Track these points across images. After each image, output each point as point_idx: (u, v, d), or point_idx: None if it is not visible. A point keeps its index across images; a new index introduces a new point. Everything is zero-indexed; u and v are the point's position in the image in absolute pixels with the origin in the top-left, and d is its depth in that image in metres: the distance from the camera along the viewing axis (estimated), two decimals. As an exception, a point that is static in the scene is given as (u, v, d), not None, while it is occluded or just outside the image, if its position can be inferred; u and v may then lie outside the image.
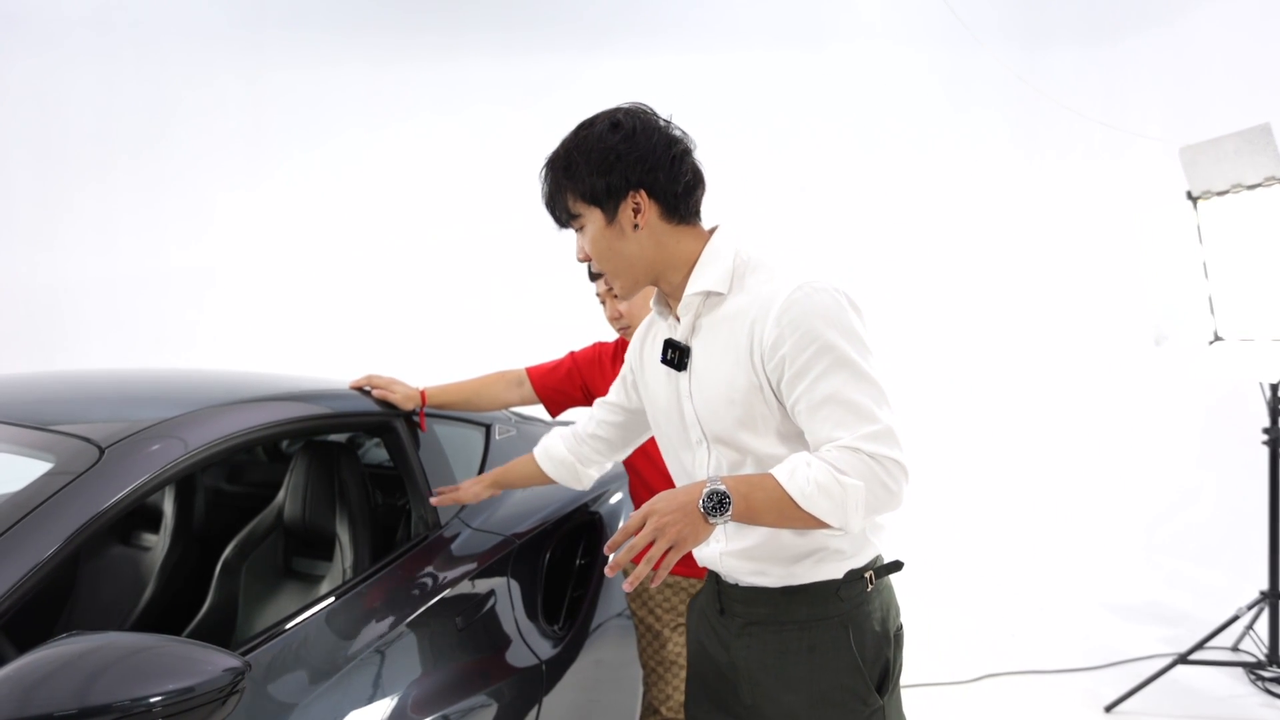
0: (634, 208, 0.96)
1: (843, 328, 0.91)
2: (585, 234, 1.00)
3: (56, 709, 0.68)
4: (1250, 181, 2.29)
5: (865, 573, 0.99)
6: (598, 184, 0.96)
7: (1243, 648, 2.60)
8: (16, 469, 0.97)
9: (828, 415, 0.89)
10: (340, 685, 1.08)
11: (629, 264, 0.99)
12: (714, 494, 0.88)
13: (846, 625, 0.98)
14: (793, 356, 0.90)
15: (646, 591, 1.55)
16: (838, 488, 0.86)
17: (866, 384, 0.90)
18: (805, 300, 0.91)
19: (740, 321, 0.94)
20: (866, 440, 0.87)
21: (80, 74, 4.12)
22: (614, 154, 0.95)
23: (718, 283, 0.97)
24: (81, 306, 4.11)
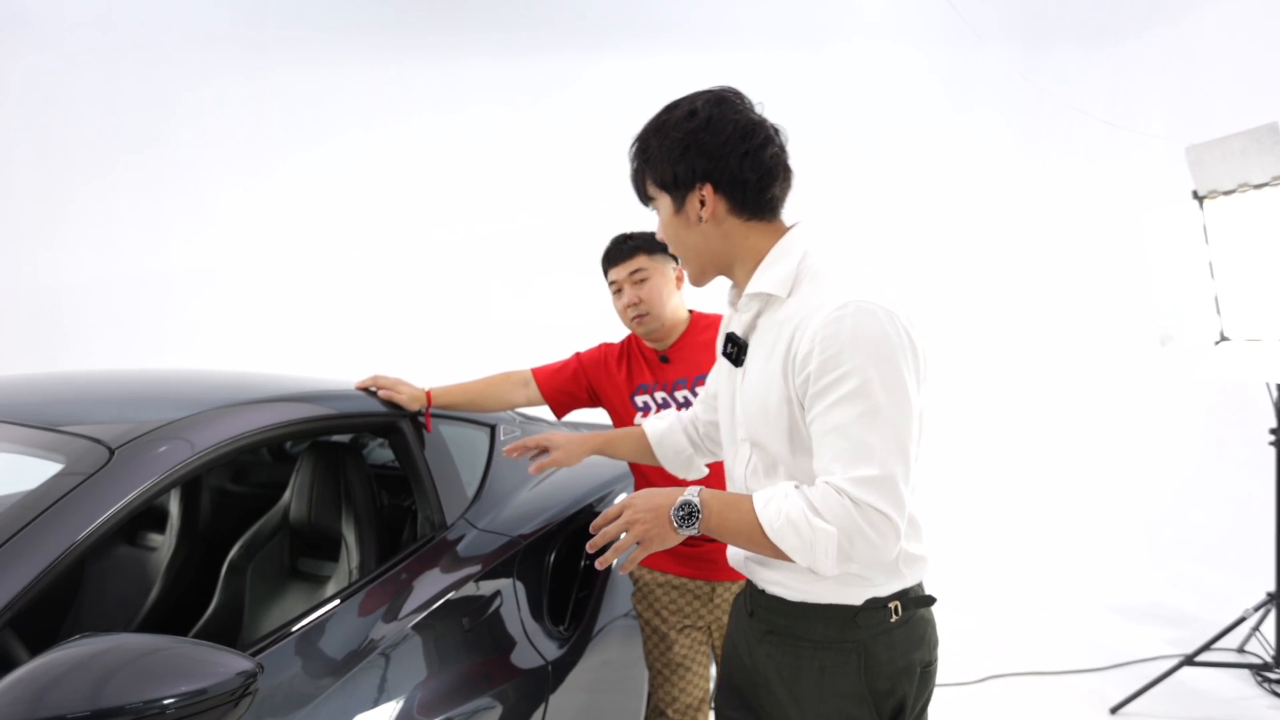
0: (700, 200, 0.95)
1: (879, 357, 0.85)
2: (658, 217, 1.00)
3: (69, 711, 0.68)
4: (1257, 181, 2.29)
5: (890, 603, 0.94)
6: (667, 172, 0.95)
7: (1249, 649, 2.59)
8: (27, 469, 0.97)
9: (830, 445, 0.86)
10: (347, 687, 1.08)
11: (695, 254, 0.98)
12: (685, 504, 0.89)
13: (860, 653, 0.94)
14: (817, 375, 0.86)
15: (653, 593, 1.55)
16: (807, 528, 0.83)
17: (882, 424, 0.84)
18: (848, 319, 0.85)
19: (786, 329, 0.91)
20: (856, 484, 0.83)
21: (82, 73, 4.13)
22: (685, 144, 0.93)
23: (777, 285, 0.94)
24: (83, 306, 4.12)
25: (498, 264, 4.36)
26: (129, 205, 4.18)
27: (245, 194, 4.27)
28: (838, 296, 0.88)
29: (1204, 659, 2.43)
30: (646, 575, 1.57)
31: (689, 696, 1.53)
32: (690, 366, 1.53)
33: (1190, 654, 2.44)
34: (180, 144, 4.21)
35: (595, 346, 1.64)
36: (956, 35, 3.81)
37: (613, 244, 1.55)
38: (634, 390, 1.54)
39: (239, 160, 4.27)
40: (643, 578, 1.57)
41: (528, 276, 4.33)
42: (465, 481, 1.59)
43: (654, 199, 0.99)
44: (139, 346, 4.00)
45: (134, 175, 4.18)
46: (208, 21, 4.24)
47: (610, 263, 1.54)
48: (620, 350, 1.61)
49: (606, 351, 1.62)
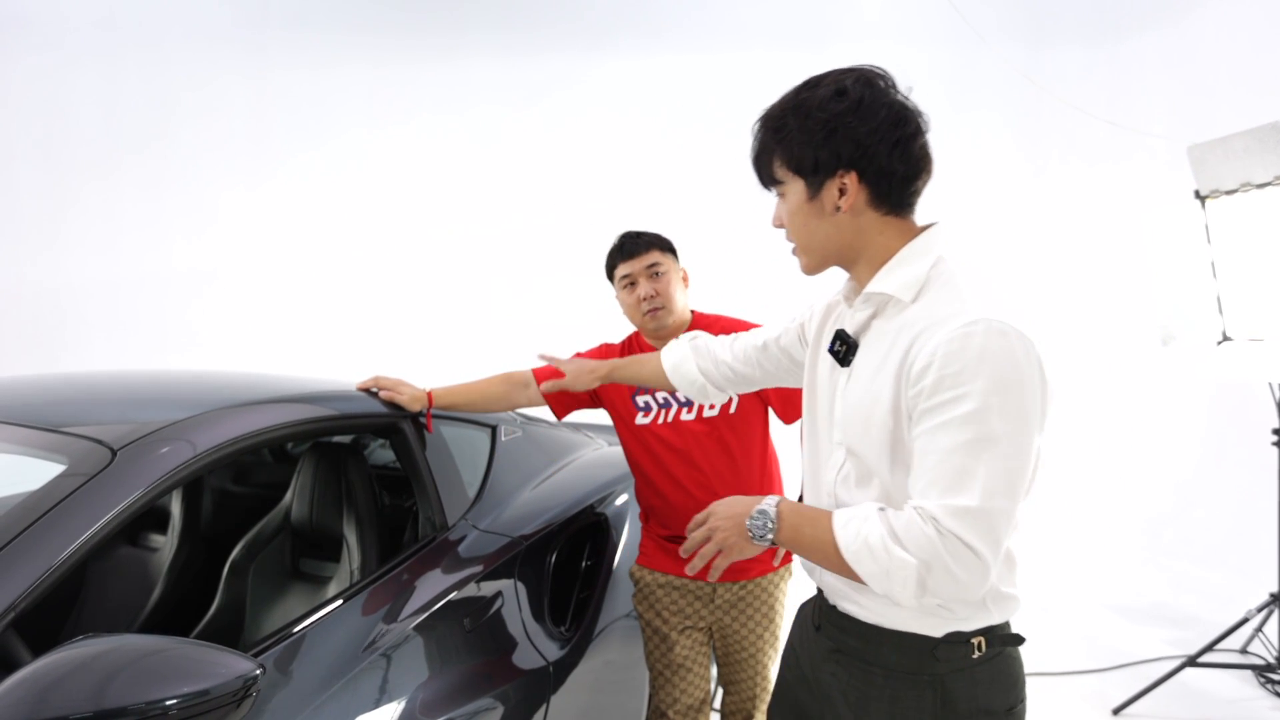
0: (840, 189, 0.86)
1: (1003, 383, 0.78)
2: (785, 203, 0.91)
3: (72, 711, 0.69)
4: (1259, 180, 2.28)
5: (974, 638, 0.87)
6: (806, 156, 0.86)
7: (1252, 650, 2.58)
8: (30, 470, 0.97)
9: (929, 468, 0.79)
10: (349, 687, 1.08)
11: (820, 245, 0.90)
12: (761, 514, 0.86)
13: (938, 688, 0.87)
14: (931, 391, 0.79)
15: (654, 594, 1.55)
16: (884, 555, 0.78)
17: (992, 456, 0.77)
18: (977, 338, 0.78)
19: (905, 335, 0.85)
20: (949, 514, 0.77)
21: (83, 74, 4.14)
22: (830, 127, 0.85)
23: (902, 289, 0.86)
24: (84, 305, 4.13)
25: (498, 264, 4.36)
26: (130, 205, 4.19)
27: (246, 194, 4.28)
28: (970, 311, 0.81)
29: (1206, 660, 2.42)
30: (647, 576, 1.57)
31: (690, 697, 1.53)
32: None
33: (1193, 655, 2.44)
34: (181, 144, 4.22)
35: (595, 347, 1.64)
36: (958, 35, 3.81)
37: (626, 239, 1.54)
38: (636, 390, 1.54)
39: (240, 160, 4.28)
40: (643, 578, 1.57)
41: (528, 276, 4.33)
42: (466, 482, 1.60)
43: (782, 183, 0.90)
44: (140, 346, 4.01)
45: (135, 175, 4.20)
46: (209, 22, 4.26)
47: (624, 256, 1.52)
48: (621, 350, 1.61)
49: (607, 351, 1.62)
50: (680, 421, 1.50)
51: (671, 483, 1.50)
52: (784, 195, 0.92)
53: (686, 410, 1.50)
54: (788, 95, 0.91)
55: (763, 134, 0.91)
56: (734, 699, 1.60)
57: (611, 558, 1.70)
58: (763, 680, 1.57)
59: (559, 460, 1.89)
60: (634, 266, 1.50)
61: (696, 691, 1.54)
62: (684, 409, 1.50)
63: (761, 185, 0.95)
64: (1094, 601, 3.22)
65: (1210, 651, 2.44)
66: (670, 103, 4.43)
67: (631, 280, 1.51)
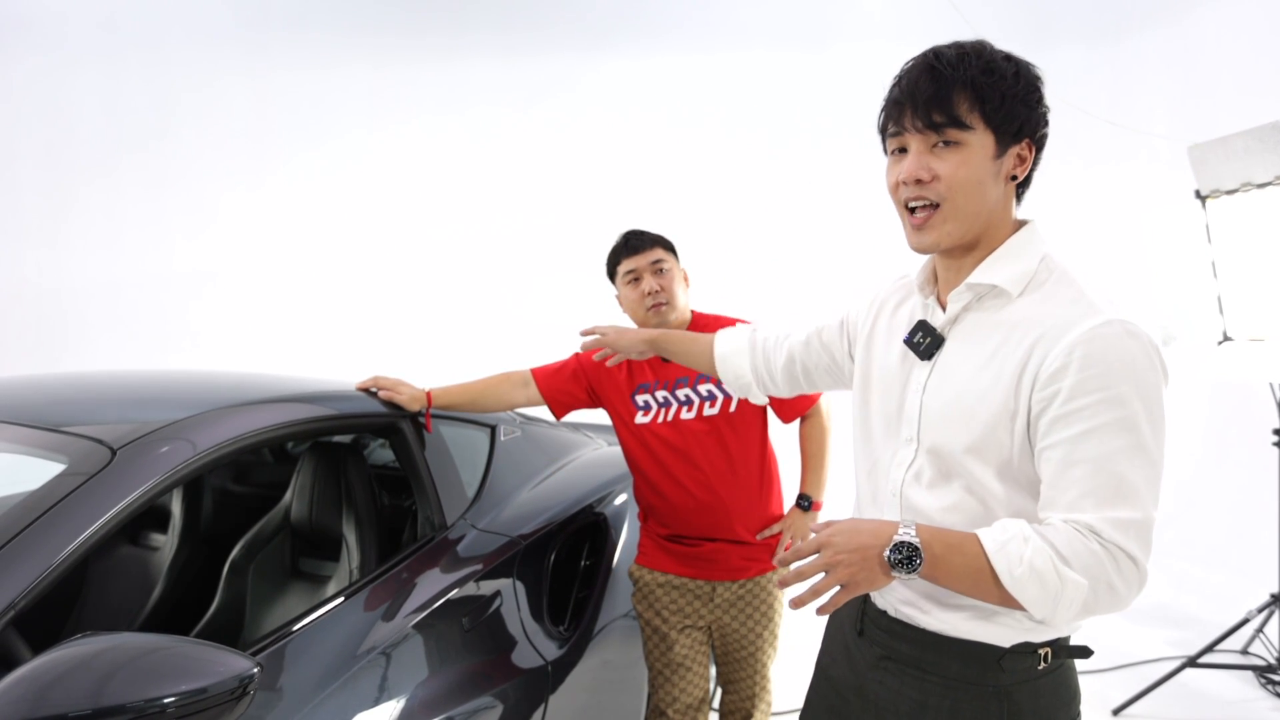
0: (1020, 156, 0.82)
1: (1144, 389, 0.75)
2: (953, 154, 0.80)
3: (71, 709, 0.69)
4: (1260, 180, 2.28)
5: (1041, 649, 0.84)
6: (1017, 111, 0.80)
7: (1253, 651, 2.58)
8: (30, 470, 0.98)
9: (1080, 479, 0.74)
10: (347, 686, 1.08)
11: (977, 209, 0.82)
12: (904, 546, 0.76)
13: (1003, 700, 0.83)
14: (1069, 396, 0.75)
15: (653, 593, 1.55)
16: (1054, 579, 0.73)
17: (1145, 462, 0.74)
18: (1114, 340, 0.75)
19: (1022, 334, 0.80)
20: (1113, 526, 0.73)
21: (85, 74, 4.15)
22: (1038, 96, 0.82)
23: (1011, 281, 0.82)
24: (85, 305, 4.14)
25: (499, 265, 4.37)
26: (131, 205, 4.20)
27: (247, 194, 4.29)
28: (1100, 313, 0.77)
29: (1207, 660, 2.42)
30: (646, 575, 1.57)
31: (689, 696, 1.53)
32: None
33: (1193, 655, 2.43)
34: (182, 144, 4.23)
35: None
36: (958, 35, 3.80)
37: (630, 235, 1.55)
38: (635, 389, 1.54)
39: (241, 160, 4.28)
40: (643, 578, 1.57)
41: (529, 277, 4.34)
42: (466, 482, 1.60)
43: (960, 128, 0.79)
44: (141, 346, 4.02)
45: (136, 175, 4.20)
46: (210, 22, 4.26)
47: (629, 252, 1.52)
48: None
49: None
50: (680, 420, 1.50)
51: (671, 481, 1.50)
52: (957, 144, 0.80)
53: (686, 409, 1.50)
54: (989, 51, 0.82)
55: (961, 68, 0.80)
56: (733, 698, 1.60)
57: (611, 557, 1.70)
58: (761, 680, 1.57)
59: (558, 460, 1.89)
60: (639, 262, 1.51)
61: (695, 690, 1.54)
62: (684, 408, 1.50)
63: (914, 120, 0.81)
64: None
65: (1211, 652, 2.43)
66: (670, 103, 4.43)
67: (636, 276, 1.51)
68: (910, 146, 0.83)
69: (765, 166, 4.38)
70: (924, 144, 0.82)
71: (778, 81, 4.41)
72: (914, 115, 0.81)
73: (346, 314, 4.26)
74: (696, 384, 1.51)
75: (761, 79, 4.40)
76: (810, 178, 4.32)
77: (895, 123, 0.84)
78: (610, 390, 1.57)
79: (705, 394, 1.50)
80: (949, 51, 0.82)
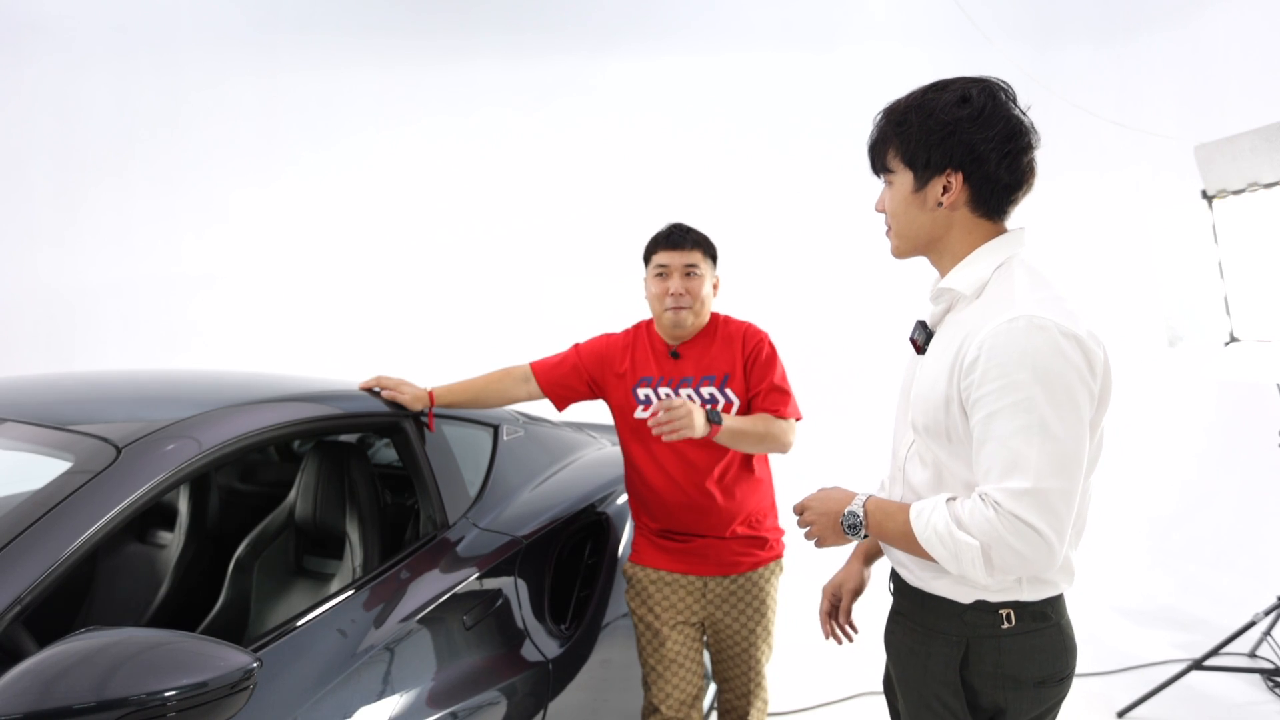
0: (944, 186, 0.94)
1: (1044, 375, 0.84)
2: (890, 190, 1.00)
3: (75, 701, 0.70)
4: (1267, 180, 2.26)
5: (1001, 609, 0.95)
6: (920, 153, 0.94)
7: (1260, 654, 2.56)
8: (36, 468, 0.99)
9: (986, 455, 0.87)
10: (349, 682, 1.09)
11: (914, 234, 0.99)
12: (850, 515, 0.99)
13: (962, 648, 0.97)
14: (979, 383, 0.88)
15: (645, 590, 1.55)
16: (950, 541, 0.88)
17: (1042, 439, 0.84)
18: (1017, 333, 0.86)
19: (961, 331, 0.93)
20: (1007, 495, 0.84)
21: (95, 75, 4.19)
22: (949, 129, 0.92)
23: (965, 285, 0.96)
24: (95, 304, 4.19)
25: (505, 265, 4.39)
26: (141, 205, 4.24)
27: (255, 193, 4.32)
28: (1013, 309, 0.88)
29: (1213, 663, 2.40)
30: (640, 572, 1.57)
31: (682, 693, 1.54)
32: (699, 366, 1.52)
33: (1199, 658, 2.42)
34: (191, 144, 4.27)
35: (595, 337, 1.64)
36: (965, 36, 3.80)
37: (674, 229, 1.52)
38: (637, 382, 1.54)
39: (249, 160, 4.32)
40: (636, 575, 1.58)
41: (535, 277, 4.35)
42: (468, 481, 1.61)
43: (892, 171, 0.98)
44: (150, 345, 4.06)
45: (146, 175, 4.25)
46: (219, 24, 4.30)
47: (669, 245, 1.50)
48: (626, 340, 1.59)
49: (608, 342, 1.60)
50: None
51: (664, 477, 1.51)
52: (891, 183, 1.00)
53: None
54: (915, 93, 0.98)
55: (884, 124, 0.99)
56: (729, 697, 1.60)
57: (613, 556, 1.71)
58: (756, 676, 1.57)
59: (561, 459, 1.90)
60: (673, 259, 1.49)
61: (689, 687, 1.54)
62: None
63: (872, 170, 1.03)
64: (1100, 604, 3.19)
65: (1217, 655, 2.41)
66: (677, 104, 4.44)
67: (666, 273, 1.50)
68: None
69: (771, 167, 4.38)
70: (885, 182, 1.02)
71: (784, 82, 4.41)
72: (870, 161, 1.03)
73: (354, 313, 4.28)
74: (700, 385, 1.50)
75: (767, 80, 4.40)
76: (816, 177, 4.32)
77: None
78: (612, 382, 1.56)
79: (708, 396, 1.49)
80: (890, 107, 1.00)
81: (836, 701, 2.37)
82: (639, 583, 1.57)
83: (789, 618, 1.88)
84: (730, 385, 1.50)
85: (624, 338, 1.60)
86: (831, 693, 2.40)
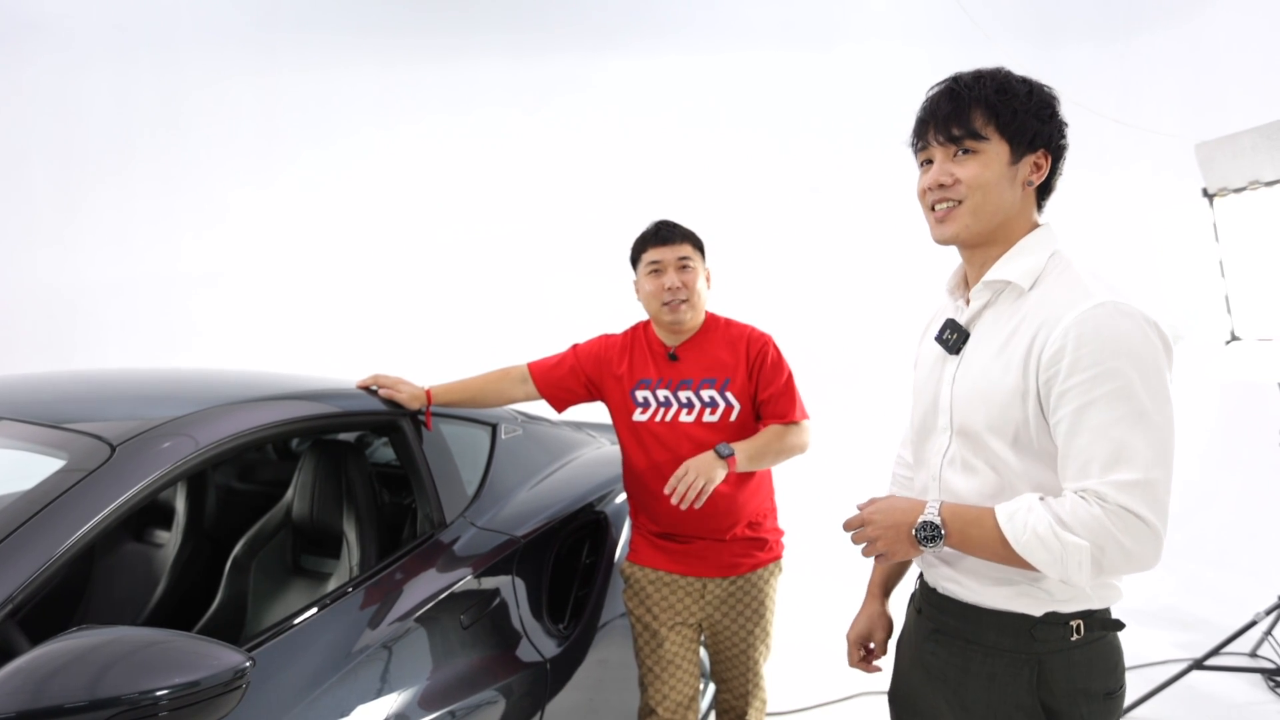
0: (1036, 164, 0.94)
1: (1139, 361, 0.82)
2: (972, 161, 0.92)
3: (68, 700, 0.70)
4: (1268, 178, 2.26)
5: (1072, 620, 0.91)
6: (1029, 124, 0.91)
7: (1261, 654, 2.55)
8: (30, 466, 0.99)
9: (1084, 448, 0.82)
10: (346, 681, 1.09)
11: (994, 211, 0.93)
12: (927, 525, 0.89)
13: (1034, 667, 0.91)
14: (1068, 372, 0.83)
15: (644, 590, 1.54)
16: (1055, 543, 0.81)
17: (1145, 427, 0.81)
18: (1105, 319, 0.83)
19: (1030, 322, 0.89)
20: (1115, 488, 0.80)
21: (95, 74, 4.19)
22: (1052, 109, 0.93)
23: (1022, 275, 0.92)
24: (95, 304, 4.18)
25: (506, 264, 4.38)
26: (140, 204, 4.24)
27: (255, 193, 4.32)
28: (1094, 296, 0.86)
29: (1214, 663, 2.39)
30: (638, 572, 1.56)
31: (679, 694, 1.53)
32: (698, 368, 1.49)
33: (1199, 658, 2.41)
34: (191, 144, 4.26)
35: (594, 338, 1.62)
36: (966, 34, 3.79)
37: (661, 225, 1.50)
38: (635, 384, 1.52)
39: (249, 160, 4.32)
40: (634, 575, 1.56)
41: (536, 277, 4.35)
42: (466, 480, 1.60)
43: (978, 139, 0.91)
44: (150, 345, 4.06)
45: (145, 175, 4.24)
46: (219, 23, 4.30)
47: (658, 242, 1.48)
48: (625, 341, 1.57)
49: (606, 343, 1.59)
50: (678, 423, 1.47)
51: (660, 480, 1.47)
52: (974, 152, 0.92)
53: (686, 412, 1.47)
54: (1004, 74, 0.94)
55: (972, 90, 0.92)
56: (727, 697, 1.59)
57: (611, 555, 1.70)
58: (755, 677, 1.56)
59: (560, 459, 1.90)
60: (665, 254, 1.46)
61: (685, 689, 1.53)
62: (684, 410, 1.48)
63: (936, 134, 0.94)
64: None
65: (1218, 655, 2.41)
66: (677, 102, 4.43)
67: (659, 268, 1.47)
68: (935, 158, 0.96)
69: (772, 166, 4.37)
70: (946, 154, 0.94)
71: (784, 81, 4.40)
72: (936, 131, 0.94)
73: (355, 313, 4.28)
74: (700, 388, 1.48)
75: (768, 78, 4.40)
76: (817, 176, 4.31)
77: (921, 138, 0.97)
78: (610, 384, 1.55)
79: (708, 399, 1.46)
80: (967, 75, 0.95)
81: (836, 701, 2.37)
82: (637, 583, 1.56)
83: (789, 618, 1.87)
84: (731, 389, 1.47)
85: (622, 339, 1.58)
86: (831, 693, 2.39)
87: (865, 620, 1.17)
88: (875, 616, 1.17)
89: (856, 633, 1.17)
